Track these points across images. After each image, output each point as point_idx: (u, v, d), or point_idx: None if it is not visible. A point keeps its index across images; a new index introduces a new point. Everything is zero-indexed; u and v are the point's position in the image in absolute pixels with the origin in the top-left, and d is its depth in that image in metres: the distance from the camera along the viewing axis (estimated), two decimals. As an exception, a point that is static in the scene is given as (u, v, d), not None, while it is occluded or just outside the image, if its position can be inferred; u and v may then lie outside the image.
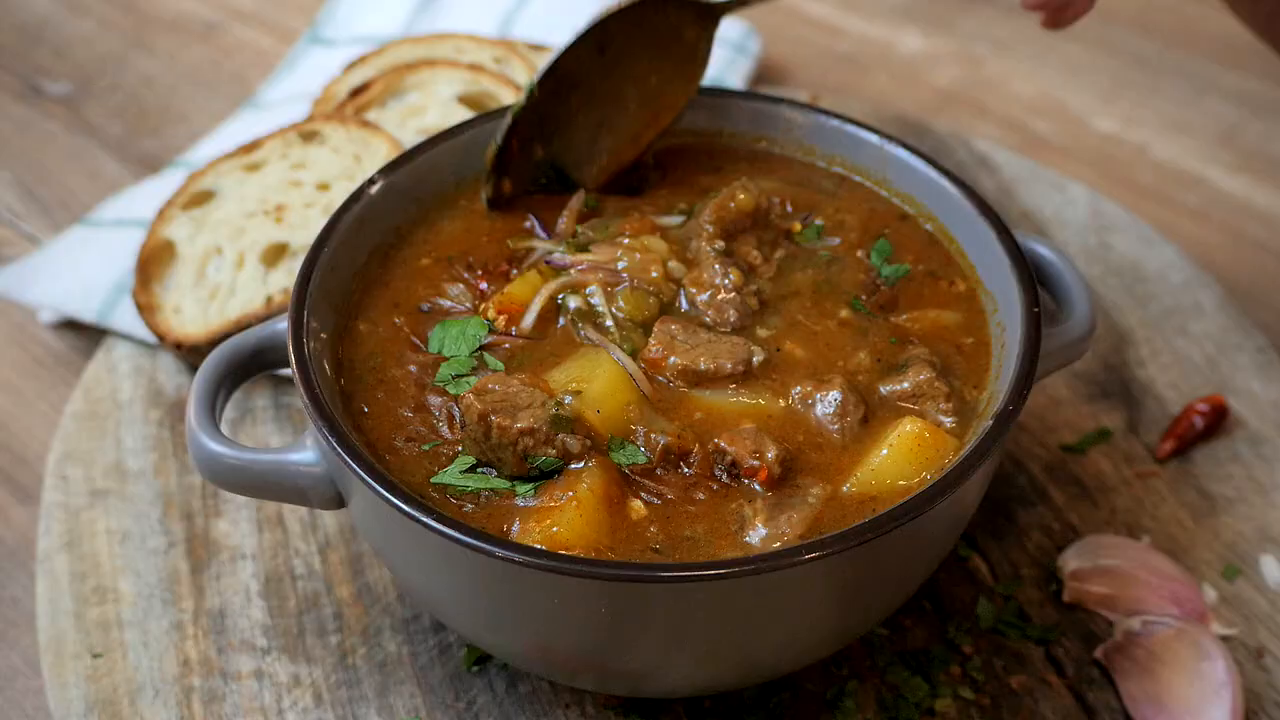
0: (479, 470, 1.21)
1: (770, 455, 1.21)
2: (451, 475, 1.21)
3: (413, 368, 1.30)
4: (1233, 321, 1.68)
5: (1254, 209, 1.93)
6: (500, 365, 1.29)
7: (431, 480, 1.21)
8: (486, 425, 1.18)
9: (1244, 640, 1.39)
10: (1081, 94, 2.11)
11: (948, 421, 1.26)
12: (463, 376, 1.28)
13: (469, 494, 1.20)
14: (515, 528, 1.17)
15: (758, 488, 1.21)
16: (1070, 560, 1.44)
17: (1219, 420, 1.56)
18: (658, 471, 1.22)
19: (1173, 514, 1.50)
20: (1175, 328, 1.68)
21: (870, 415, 1.26)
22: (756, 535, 1.17)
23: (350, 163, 1.68)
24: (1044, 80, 2.14)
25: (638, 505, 1.19)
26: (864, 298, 1.36)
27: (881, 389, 1.28)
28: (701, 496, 1.21)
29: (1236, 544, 1.47)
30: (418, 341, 1.33)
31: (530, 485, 1.19)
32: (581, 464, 1.19)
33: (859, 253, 1.40)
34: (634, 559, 1.16)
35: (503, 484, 1.20)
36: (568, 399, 1.21)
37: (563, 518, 1.16)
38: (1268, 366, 1.63)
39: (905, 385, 1.28)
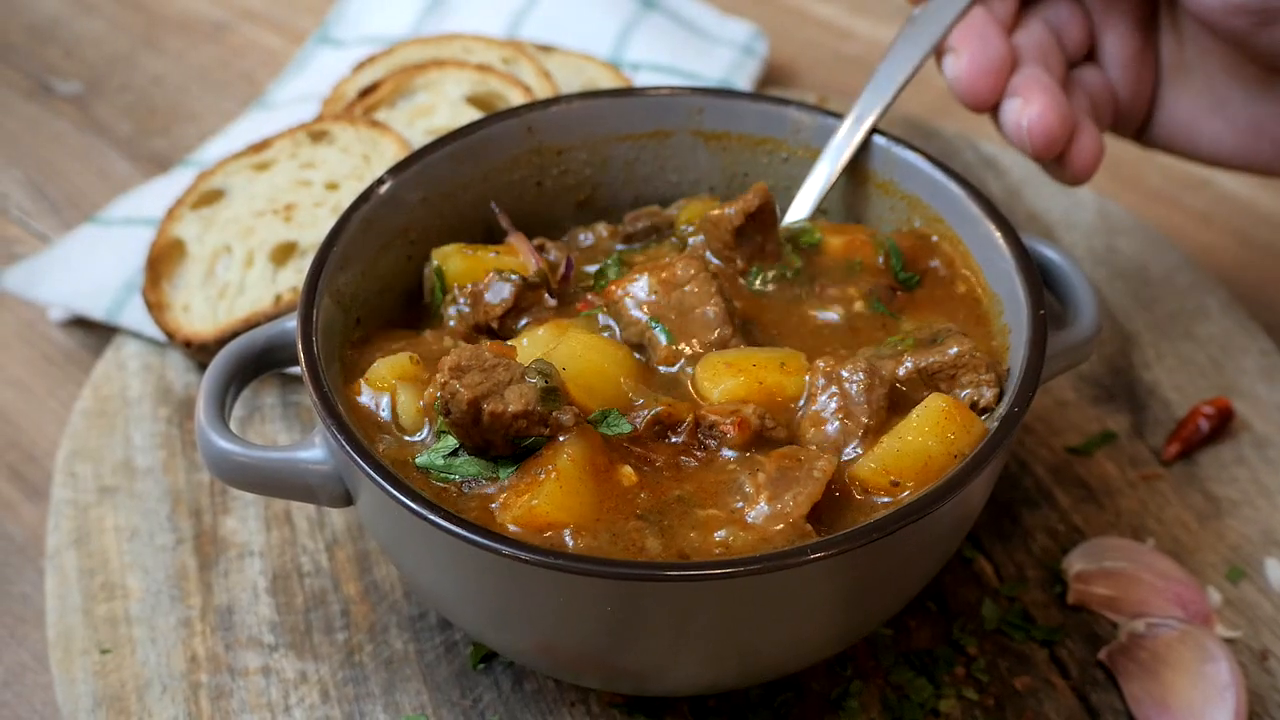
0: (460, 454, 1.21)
1: (748, 411, 1.21)
2: (435, 458, 1.21)
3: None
4: (1238, 324, 1.68)
5: (1260, 212, 1.93)
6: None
7: (415, 461, 1.21)
8: (476, 412, 1.16)
9: (1248, 643, 1.39)
10: (1089, 97, 2.11)
11: (989, 393, 1.25)
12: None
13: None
14: (496, 504, 1.17)
15: (728, 453, 1.21)
16: (1075, 562, 1.44)
17: (1224, 423, 1.57)
18: (644, 440, 1.22)
19: (1177, 516, 1.50)
20: (1181, 331, 1.68)
21: (899, 393, 1.26)
22: (759, 512, 1.17)
23: (359, 162, 1.69)
24: (1051, 83, 2.14)
25: (628, 471, 1.19)
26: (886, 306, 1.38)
27: (920, 362, 1.27)
28: (687, 461, 1.21)
29: (1241, 547, 1.47)
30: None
31: (513, 466, 1.19)
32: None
33: (878, 259, 1.41)
34: (620, 527, 1.16)
35: (488, 470, 1.19)
36: (541, 369, 1.19)
37: (541, 491, 1.15)
38: (1273, 370, 1.64)
39: (952, 352, 1.26)
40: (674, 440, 1.22)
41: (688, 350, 1.30)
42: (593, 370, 1.24)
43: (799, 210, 1.45)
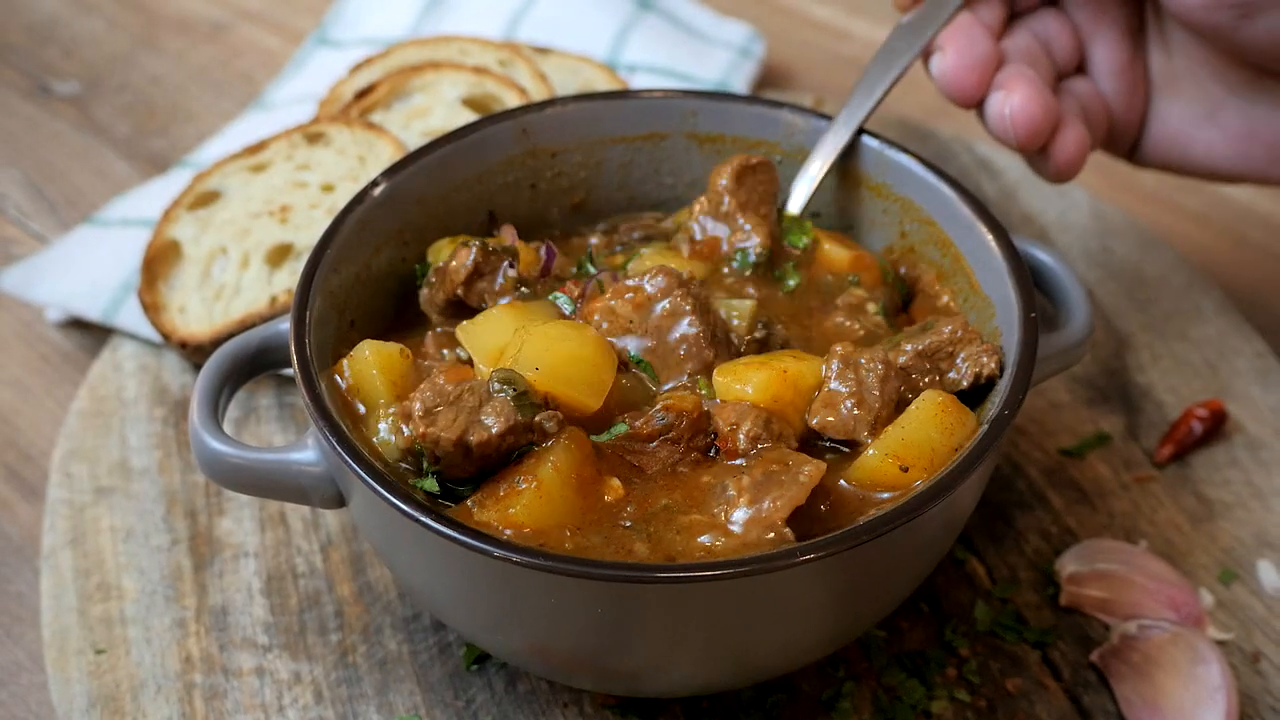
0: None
1: (744, 430, 1.20)
2: (434, 485, 1.20)
3: None
4: (1232, 326, 1.69)
5: (1256, 214, 1.93)
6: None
7: (417, 484, 1.20)
8: (465, 449, 1.15)
9: (1240, 645, 1.40)
10: (1085, 98, 2.12)
11: (989, 360, 1.27)
12: None
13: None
14: (473, 504, 1.17)
15: (738, 461, 1.21)
16: (1068, 564, 1.44)
17: (1218, 425, 1.57)
18: (642, 441, 1.22)
19: (1170, 519, 1.50)
20: (1175, 332, 1.69)
21: (901, 396, 1.27)
22: (739, 517, 1.16)
23: (355, 164, 1.69)
24: (1048, 84, 2.14)
25: (615, 484, 1.19)
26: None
27: (918, 346, 1.28)
28: (684, 470, 1.21)
29: (1234, 549, 1.48)
30: None
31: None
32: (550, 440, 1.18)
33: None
34: (605, 536, 1.16)
35: (472, 490, 1.19)
36: (504, 379, 1.18)
37: (520, 500, 1.15)
38: (1268, 372, 1.64)
39: (946, 330, 1.28)
40: (670, 437, 1.21)
41: (670, 385, 1.27)
42: (569, 359, 1.22)
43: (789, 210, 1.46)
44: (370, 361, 1.24)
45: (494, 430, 1.15)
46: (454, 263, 1.33)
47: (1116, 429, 1.59)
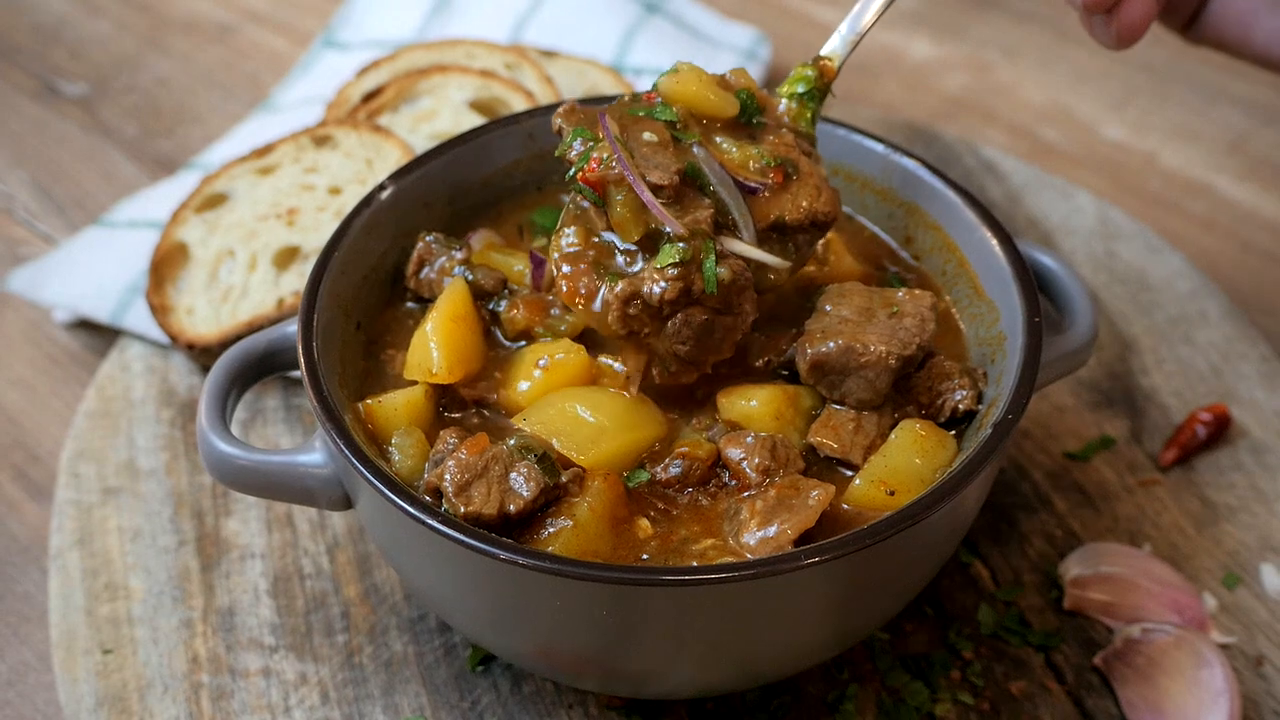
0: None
1: (754, 462, 1.23)
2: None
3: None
4: (1238, 330, 1.69)
5: (1261, 217, 1.93)
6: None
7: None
8: (505, 515, 1.18)
9: (1243, 648, 1.40)
10: (1090, 101, 2.12)
11: (965, 395, 1.28)
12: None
13: None
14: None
15: (751, 492, 1.23)
16: (1071, 567, 1.45)
17: (1222, 429, 1.57)
18: (664, 487, 1.25)
19: (1174, 522, 1.51)
20: (1180, 336, 1.69)
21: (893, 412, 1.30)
22: (750, 539, 1.18)
23: (362, 167, 1.70)
24: (1053, 87, 2.15)
25: (645, 524, 1.21)
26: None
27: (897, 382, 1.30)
28: (705, 502, 1.24)
29: (1238, 553, 1.48)
30: None
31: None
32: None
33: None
34: (625, 559, 1.18)
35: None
36: (523, 444, 1.21)
37: (557, 539, 1.18)
38: (1272, 376, 1.64)
39: (920, 370, 1.30)
40: (686, 482, 1.24)
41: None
42: (581, 429, 1.25)
43: (833, 44, 1.43)
44: (402, 410, 1.27)
45: (527, 496, 1.18)
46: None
47: (1121, 432, 1.59)
